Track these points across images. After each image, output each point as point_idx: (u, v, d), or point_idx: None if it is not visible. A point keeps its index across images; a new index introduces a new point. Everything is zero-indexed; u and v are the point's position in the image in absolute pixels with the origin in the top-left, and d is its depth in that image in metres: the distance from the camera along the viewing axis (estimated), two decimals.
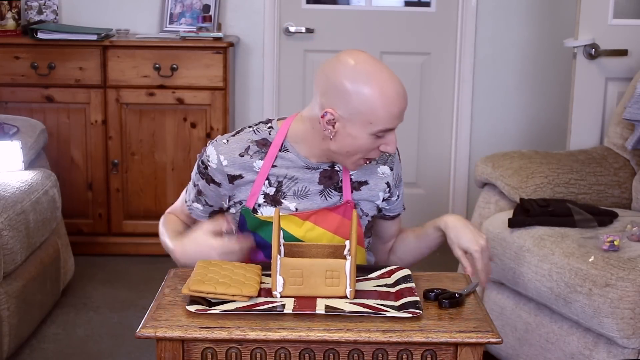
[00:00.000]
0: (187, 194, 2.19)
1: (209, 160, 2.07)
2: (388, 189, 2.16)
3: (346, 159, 2.00)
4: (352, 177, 2.10)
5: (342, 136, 1.96)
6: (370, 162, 2.06)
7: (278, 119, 2.12)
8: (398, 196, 2.21)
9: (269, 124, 2.10)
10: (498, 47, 4.55)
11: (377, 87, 1.92)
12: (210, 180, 2.08)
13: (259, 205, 2.06)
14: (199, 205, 2.14)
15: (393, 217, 2.23)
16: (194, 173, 2.14)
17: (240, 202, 2.08)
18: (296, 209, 2.06)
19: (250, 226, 2.06)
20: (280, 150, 2.06)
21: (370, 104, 1.92)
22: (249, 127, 2.11)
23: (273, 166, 2.05)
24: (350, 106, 1.92)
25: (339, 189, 2.09)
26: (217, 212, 2.16)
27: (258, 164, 2.05)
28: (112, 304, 3.66)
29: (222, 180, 2.06)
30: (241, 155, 2.05)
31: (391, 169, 2.16)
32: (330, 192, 2.08)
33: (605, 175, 3.25)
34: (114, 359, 3.18)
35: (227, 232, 1.99)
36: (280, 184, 2.06)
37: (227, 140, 2.08)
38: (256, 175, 2.05)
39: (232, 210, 2.10)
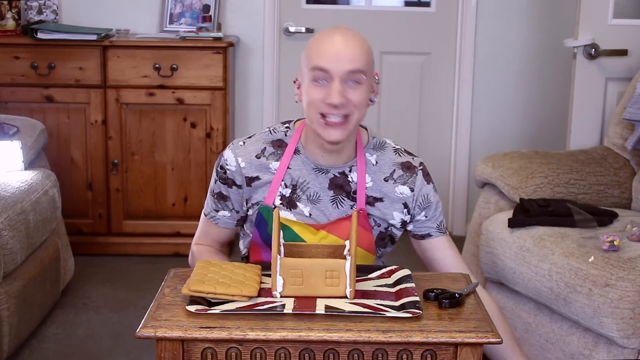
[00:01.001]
0: (206, 207, 2.17)
1: (227, 164, 2.08)
2: (406, 210, 2.12)
3: (311, 122, 1.99)
4: (367, 192, 2.09)
5: (303, 95, 2.00)
6: (327, 122, 1.96)
7: (297, 120, 2.13)
8: (426, 217, 2.14)
9: (287, 124, 2.12)
10: (498, 47, 4.55)
11: (319, 35, 1.99)
12: (232, 183, 2.09)
13: (274, 207, 2.07)
14: (225, 213, 2.13)
15: (422, 237, 2.16)
16: (212, 182, 2.13)
17: (257, 203, 2.08)
18: (310, 214, 2.07)
19: (269, 227, 2.05)
20: (294, 153, 2.07)
21: (307, 48, 1.98)
22: (267, 128, 2.13)
23: (288, 167, 2.07)
24: (302, 59, 2.00)
25: (351, 197, 2.08)
26: (243, 219, 2.16)
27: (274, 165, 2.06)
28: (112, 304, 3.66)
29: (242, 183, 2.08)
30: (257, 157, 2.07)
31: (411, 190, 2.10)
32: (342, 200, 2.08)
33: (605, 175, 3.25)
34: (114, 359, 3.18)
35: None
36: (295, 186, 2.07)
37: (244, 143, 2.10)
38: (272, 176, 2.06)
39: (250, 212, 2.11)
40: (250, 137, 2.11)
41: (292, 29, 4.51)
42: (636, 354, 2.54)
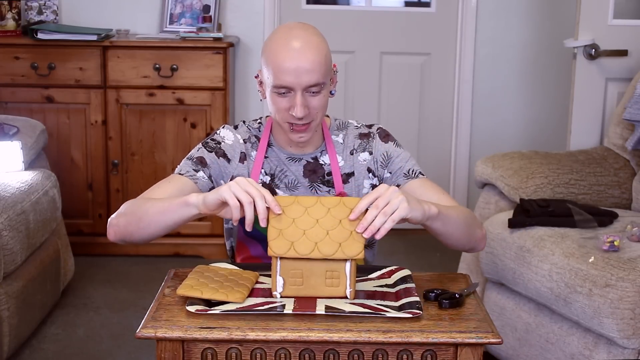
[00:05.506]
0: (182, 168, 2.08)
1: (223, 139, 2.11)
2: (371, 174, 2.14)
3: (278, 125, 2.05)
4: (341, 171, 2.13)
5: (268, 99, 2.04)
6: (293, 128, 2.01)
7: (267, 116, 2.18)
8: (390, 172, 2.11)
9: (258, 121, 2.18)
10: (498, 47, 4.55)
11: (275, 40, 1.98)
12: (221, 154, 2.09)
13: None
14: (204, 175, 2.07)
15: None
16: (195, 151, 2.10)
17: None
18: None
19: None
20: (268, 145, 2.13)
21: (266, 56, 1.99)
22: (243, 122, 2.18)
23: (265, 157, 2.12)
24: (262, 63, 2.02)
25: (326, 183, 2.12)
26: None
27: (254, 154, 2.12)
28: (112, 304, 3.66)
29: (233, 157, 2.10)
30: (244, 142, 2.13)
31: (370, 154, 2.14)
32: (318, 187, 2.12)
33: (605, 175, 3.25)
34: (114, 359, 3.18)
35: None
36: (273, 175, 2.12)
37: (238, 126, 2.16)
38: (253, 164, 2.11)
39: None
40: (235, 127, 2.16)
41: None
42: (636, 354, 2.54)
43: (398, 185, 2.10)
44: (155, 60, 4.07)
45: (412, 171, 2.13)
